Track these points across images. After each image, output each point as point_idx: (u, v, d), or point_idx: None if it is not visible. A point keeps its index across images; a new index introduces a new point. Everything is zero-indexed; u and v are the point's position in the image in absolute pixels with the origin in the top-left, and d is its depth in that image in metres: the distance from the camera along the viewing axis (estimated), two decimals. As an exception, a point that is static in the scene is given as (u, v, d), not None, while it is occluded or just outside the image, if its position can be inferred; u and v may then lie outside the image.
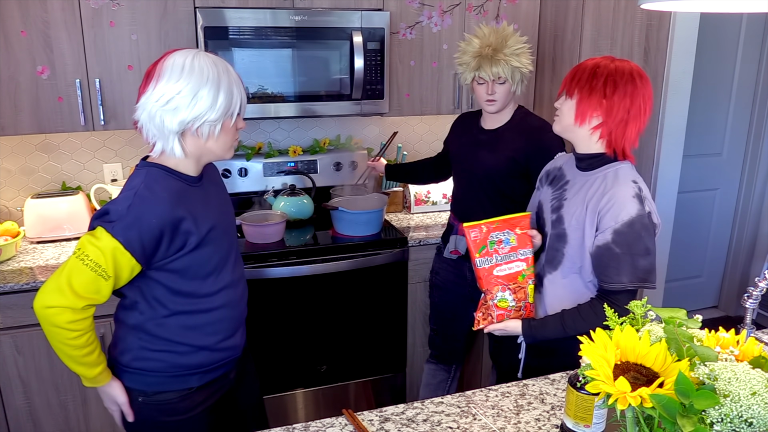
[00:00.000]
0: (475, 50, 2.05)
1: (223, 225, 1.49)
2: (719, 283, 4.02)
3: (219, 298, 1.48)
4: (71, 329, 1.32)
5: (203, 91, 1.33)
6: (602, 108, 1.52)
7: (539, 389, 1.46)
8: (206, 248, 1.41)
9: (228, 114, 1.37)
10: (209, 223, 1.42)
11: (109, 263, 1.30)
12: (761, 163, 3.68)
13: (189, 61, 1.34)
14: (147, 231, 1.31)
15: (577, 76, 1.56)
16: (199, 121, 1.35)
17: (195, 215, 1.38)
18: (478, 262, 1.64)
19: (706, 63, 3.40)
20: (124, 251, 1.30)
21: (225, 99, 1.35)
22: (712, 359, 0.84)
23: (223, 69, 1.36)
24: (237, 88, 1.38)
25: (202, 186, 1.47)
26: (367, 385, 2.71)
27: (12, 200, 2.61)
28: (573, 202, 1.61)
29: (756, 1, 1.09)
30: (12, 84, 2.20)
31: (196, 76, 1.32)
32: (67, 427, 2.28)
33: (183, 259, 1.39)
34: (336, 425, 1.32)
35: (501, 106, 2.10)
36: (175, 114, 1.33)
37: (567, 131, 1.61)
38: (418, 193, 2.95)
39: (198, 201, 1.42)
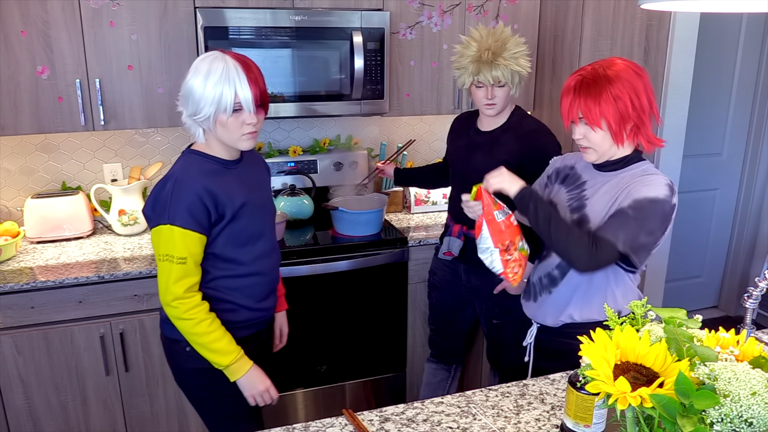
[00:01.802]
0: (474, 54, 2.01)
1: (257, 202, 1.67)
2: (719, 283, 4.02)
3: (254, 265, 1.68)
4: (188, 318, 1.55)
5: (194, 88, 1.51)
6: (633, 118, 1.52)
7: (539, 389, 1.46)
8: (240, 221, 1.60)
9: (220, 110, 1.50)
10: (242, 198, 1.60)
11: (180, 248, 1.52)
12: (761, 163, 3.68)
13: (200, 60, 1.53)
14: (193, 205, 1.51)
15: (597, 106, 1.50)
16: (197, 114, 1.52)
17: (229, 191, 1.57)
18: (498, 216, 1.62)
19: (706, 63, 3.40)
20: (186, 231, 1.51)
21: (211, 96, 1.48)
22: (712, 359, 0.84)
23: (220, 68, 1.48)
24: (229, 85, 1.48)
25: (238, 168, 1.65)
26: (367, 385, 2.71)
27: (12, 200, 2.61)
28: (600, 200, 1.59)
29: (756, 1, 1.09)
30: (12, 84, 2.20)
31: (192, 74, 1.52)
32: (67, 427, 2.28)
33: (222, 230, 1.59)
34: (336, 425, 1.32)
35: (500, 109, 2.09)
36: (184, 106, 1.56)
37: (605, 156, 1.59)
38: (418, 193, 2.95)
39: (233, 180, 1.61)
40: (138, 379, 2.32)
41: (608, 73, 1.51)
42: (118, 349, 2.26)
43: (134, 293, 2.23)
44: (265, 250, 1.72)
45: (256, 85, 1.53)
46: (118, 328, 2.24)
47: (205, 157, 1.61)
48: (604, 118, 1.50)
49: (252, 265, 1.68)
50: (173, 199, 1.52)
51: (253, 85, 1.52)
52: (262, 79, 1.57)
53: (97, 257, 2.35)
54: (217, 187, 1.56)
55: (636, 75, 1.52)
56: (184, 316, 1.55)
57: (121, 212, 2.55)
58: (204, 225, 1.55)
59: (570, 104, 1.54)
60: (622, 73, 1.50)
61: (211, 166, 1.60)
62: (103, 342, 2.23)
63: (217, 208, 1.56)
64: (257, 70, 1.57)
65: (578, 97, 1.52)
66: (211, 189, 1.54)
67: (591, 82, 1.51)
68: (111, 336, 2.24)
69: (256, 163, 1.78)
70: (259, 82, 1.55)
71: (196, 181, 1.54)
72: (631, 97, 1.49)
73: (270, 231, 1.76)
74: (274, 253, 1.77)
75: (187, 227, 1.52)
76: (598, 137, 1.54)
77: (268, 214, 1.75)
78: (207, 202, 1.54)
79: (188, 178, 1.54)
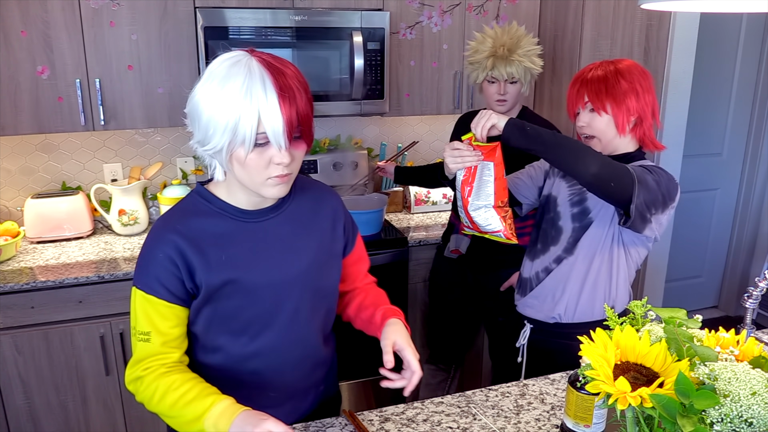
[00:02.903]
0: (489, 49, 2.04)
1: (275, 277, 1.20)
2: (719, 283, 4.02)
3: (252, 362, 1.23)
4: (146, 393, 1.14)
5: (200, 107, 1.07)
6: (637, 110, 1.57)
7: (539, 389, 1.46)
8: (226, 302, 1.18)
9: (236, 142, 1.05)
10: (234, 273, 1.16)
11: (141, 320, 1.14)
12: (761, 163, 3.68)
13: (217, 63, 1.07)
14: (160, 266, 1.13)
15: (604, 89, 1.56)
16: (206, 144, 1.08)
17: (211, 259, 1.15)
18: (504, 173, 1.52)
19: (706, 63, 3.40)
20: (152, 299, 1.13)
21: (224, 122, 1.04)
22: (712, 359, 0.84)
23: (239, 79, 1.03)
24: (250, 107, 1.02)
25: (265, 223, 1.20)
26: (367, 385, 2.71)
27: (12, 200, 2.61)
28: None
29: (756, 1, 1.09)
30: (12, 84, 2.20)
31: (203, 83, 1.07)
32: (67, 427, 2.28)
33: (201, 309, 1.18)
34: (336, 425, 1.32)
35: (511, 106, 2.11)
36: (192, 126, 1.11)
37: (609, 146, 1.62)
38: (418, 193, 2.95)
39: (242, 241, 1.17)
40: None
41: (618, 66, 1.58)
42: (118, 349, 2.26)
43: (134, 293, 2.23)
44: (273, 345, 1.24)
45: (293, 105, 1.05)
46: (118, 328, 2.24)
47: (212, 201, 1.18)
48: (609, 102, 1.55)
49: (248, 362, 1.23)
50: (142, 253, 1.16)
51: (288, 106, 1.04)
52: (304, 94, 1.08)
53: (97, 257, 2.35)
54: (195, 248, 1.13)
55: (643, 74, 1.59)
56: (142, 396, 1.15)
57: (121, 212, 2.55)
58: (177, 293, 1.14)
59: (578, 91, 1.60)
60: (631, 68, 1.58)
61: (215, 216, 1.17)
62: (103, 342, 2.23)
63: (192, 277, 1.15)
64: (297, 78, 1.08)
65: (586, 84, 1.58)
66: (184, 250, 1.13)
67: (600, 73, 1.58)
68: (111, 336, 2.24)
69: (312, 211, 1.26)
70: (298, 99, 1.06)
71: (170, 233, 1.14)
72: (637, 90, 1.56)
73: (293, 315, 1.24)
74: (294, 348, 1.26)
75: (151, 293, 1.13)
76: (603, 123, 1.58)
77: (298, 292, 1.23)
78: (179, 265, 1.13)
79: (165, 227, 1.15)
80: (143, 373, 1.15)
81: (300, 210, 1.25)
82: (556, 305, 1.70)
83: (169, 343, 1.16)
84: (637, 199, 1.44)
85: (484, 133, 1.47)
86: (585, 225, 1.64)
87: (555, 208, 1.71)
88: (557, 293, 1.69)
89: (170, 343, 1.16)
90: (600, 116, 1.58)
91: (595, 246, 1.63)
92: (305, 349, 1.29)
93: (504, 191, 1.52)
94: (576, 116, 1.65)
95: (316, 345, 1.32)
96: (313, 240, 1.26)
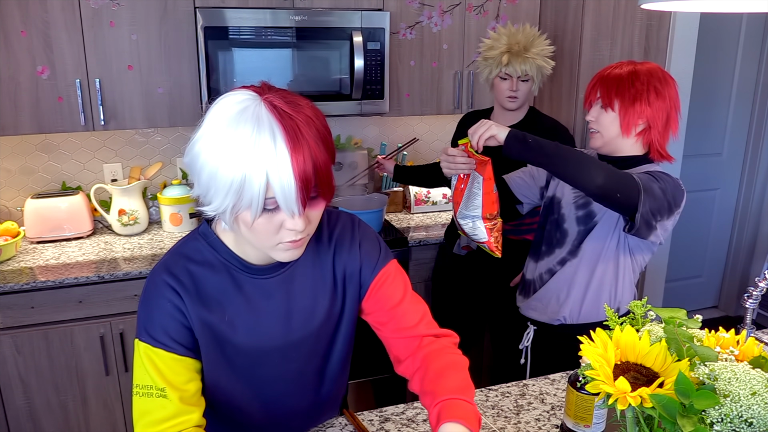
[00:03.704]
0: (504, 46, 2.07)
1: (279, 342, 1.10)
2: (719, 283, 4.02)
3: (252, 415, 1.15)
4: None
5: (199, 160, 0.90)
6: (646, 115, 1.55)
7: (539, 389, 1.46)
8: (230, 360, 1.09)
9: (242, 206, 0.89)
10: (249, 335, 1.07)
11: (152, 375, 1.01)
12: (761, 163, 3.68)
13: (223, 107, 0.90)
14: (165, 314, 1.02)
15: (615, 87, 1.55)
16: (206, 203, 0.93)
17: (207, 319, 1.04)
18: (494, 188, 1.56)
19: (706, 63, 3.40)
20: (160, 352, 1.01)
21: (227, 183, 0.87)
22: (712, 359, 0.84)
23: (247, 132, 0.86)
24: (258, 167, 0.85)
25: (276, 279, 1.07)
26: (367, 385, 2.71)
27: (12, 200, 2.60)
28: None
29: (756, 1, 1.09)
30: (12, 84, 2.20)
31: (205, 130, 0.90)
32: (67, 427, 2.28)
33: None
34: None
35: (521, 104, 2.13)
36: (192, 178, 0.95)
37: (610, 144, 1.60)
38: (418, 193, 2.95)
39: (247, 299, 1.06)
40: (138, 379, 2.32)
41: (638, 67, 1.56)
42: (118, 349, 2.26)
43: (134, 293, 2.23)
44: (275, 401, 1.15)
45: (309, 161, 0.87)
46: (118, 328, 2.24)
47: (218, 249, 1.05)
48: (618, 101, 1.54)
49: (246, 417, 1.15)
50: (144, 301, 1.05)
51: (303, 162, 0.87)
52: (320, 144, 0.89)
53: (97, 257, 2.35)
54: (197, 303, 1.03)
55: (663, 80, 1.55)
56: None
57: (121, 212, 2.55)
58: (186, 345, 1.03)
59: (593, 85, 1.60)
60: (651, 72, 1.55)
61: (220, 269, 1.05)
62: (103, 342, 2.23)
63: (193, 324, 1.04)
64: (311, 124, 0.89)
65: (602, 80, 1.58)
66: (185, 301, 1.02)
67: (618, 71, 1.56)
68: (111, 336, 2.24)
69: (325, 260, 1.11)
70: (315, 152, 0.88)
71: (172, 281, 1.03)
72: (650, 95, 1.53)
73: (289, 380, 1.15)
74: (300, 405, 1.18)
75: (158, 346, 1.01)
76: (608, 120, 1.57)
77: (291, 357, 1.12)
78: (182, 311, 1.03)
79: (167, 273, 1.03)
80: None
81: (314, 260, 1.11)
82: (560, 308, 1.69)
83: (187, 400, 1.02)
84: (642, 208, 1.44)
85: (481, 143, 1.46)
86: (589, 228, 1.63)
87: (559, 210, 1.71)
88: (561, 296, 1.69)
89: (188, 400, 1.03)
90: (606, 113, 1.57)
91: (600, 249, 1.62)
92: (313, 408, 1.21)
93: (493, 205, 1.53)
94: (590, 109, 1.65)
95: (326, 405, 1.22)
96: (326, 291, 1.12)
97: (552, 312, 1.71)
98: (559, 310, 1.69)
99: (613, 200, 1.43)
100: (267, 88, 0.92)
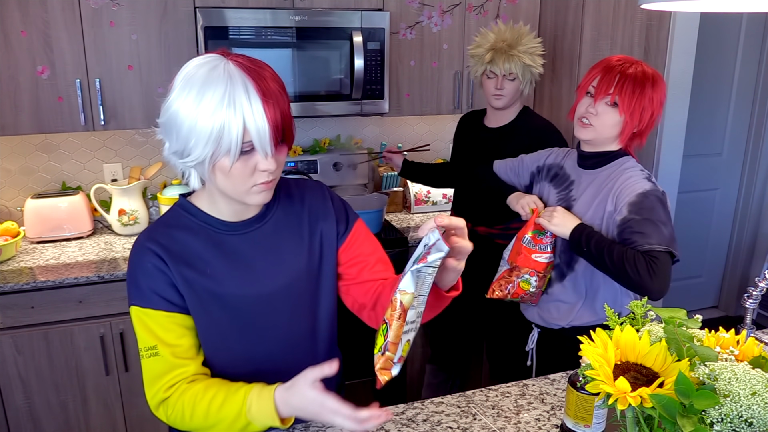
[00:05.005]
0: (490, 44, 2.06)
1: (261, 290, 1.15)
2: (719, 283, 4.02)
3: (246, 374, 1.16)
4: (179, 413, 1.10)
5: (179, 115, 1.00)
6: (640, 125, 1.54)
7: (539, 389, 1.46)
8: (215, 316, 1.14)
9: (221, 152, 1.00)
10: (231, 286, 1.13)
11: (144, 335, 1.10)
12: (761, 163, 3.68)
13: (193, 68, 1.02)
14: (149, 275, 1.10)
15: (636, 93, 1.50)
16: (185, 155, 1.03)
17: (190, 275, 1.11)
18: (525, 240, 1.67)
19: (706, 63, 3.40)
20: (149, 312, 1.10)
21: (207, 131, 0.98)
22: (712, 359, 0.84)
23: (221, 85, 0.98)
24: (235, 114, 0.98)
25: (252, 233, 1.15)
26: (367, 385, 2.71)
27: (12, 200, 2.60)
28: (584, 200, 1.61)
29: (756, 1, 1.09)
30: (12, 84, 2.20)
31: (180, 90, 1.01)
32: (67, 427, 2.28)
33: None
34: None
35: (508, 103, 2.11)
36: (167, 137, 1.05)
37: (599, 141, 1.59)
38: (418, 193, 2.95)
39: (225, 254, 1.13)
40: (138, 379, 2.32)
41: (655, 75, 1.52)
42: (118, 349, 2.26)
43: (134, 293, 2.23)
44: (255, 356, 1.18)
45: (277, 109, 1.01)
46: (118, 328, 2.24)
47: (195, 214, 1.14)
48: (636, 107, 1.50)
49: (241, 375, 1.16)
50: (130, 269, 1.13)
51: (272, 110, 1.00)
52: (283, 95, 1.04)
53: (97, 257, 2.35)
54: (178, 263, 1.10)
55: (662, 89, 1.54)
56: (173, 417, 1.11)
57: (121, 212, 2.55)
58: (173, 301, 1.10)
59: (610, 80, 1.51)
60: (659, 81, 1.53)
61: (198, 230, 1.13)
62: (103, 342, 2.23)
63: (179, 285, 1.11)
64: (276, 80, 1.04)
65: (623, 79, 1.50)
66: (168, 263, 1.10)
67: (634, 72, 1.50)
68: (111, 336, 2.24)
69: (299, 215, 1.20)
70: (280, 101, 1.02)
71: (153, 245, 1.10)
72: (654, 106, 1.53)
73: (279, 330, 1.19)
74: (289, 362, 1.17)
75: (147, 305, 1.10)
76: (612, 120, 1.53)
77: (281, 308, 1.18)
78: (167, 272, 1.10)
79: (147, 240, 1.12)
80: (166, 394, 1.10)
81: (287, 218, 1.20)
82: (566, 312, 1.69)
83: (180, 354, 1.10)
84: (677, 253, 1.51)
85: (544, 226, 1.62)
86: None
87: None
88: (567, 300, 1.69)
89: (181, 354, 1.11)
90: (614, 114, 1.53)
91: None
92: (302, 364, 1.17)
93: (515, 255, 1.71)
94: (586, 95, 1.58)
95: (314, 360, 1.19)
96: (302, 247, 1.19)
97: (554, 318, 1.72)
98: (562, 316, 1.70)
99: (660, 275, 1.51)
100: (227, 53, 1.04)
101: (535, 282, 1.68)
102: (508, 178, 1.86)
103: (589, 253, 1.52)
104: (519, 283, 1.69)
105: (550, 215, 1.59)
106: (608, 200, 1.55)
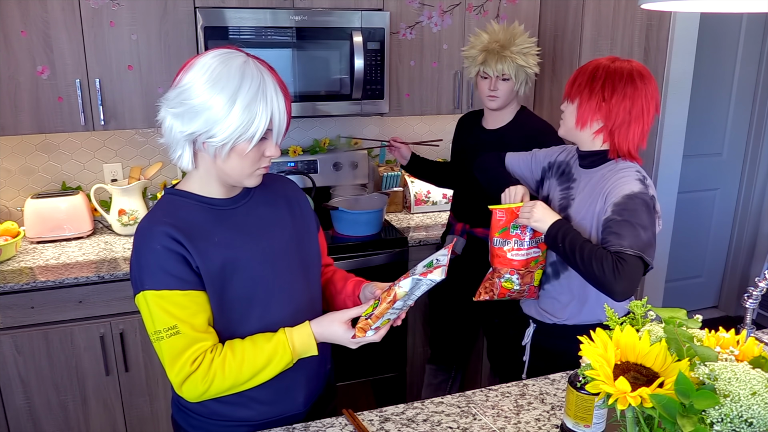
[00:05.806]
0: (483, 45, 2.05)
1: (267, 248, 1.26)
2: (719, 283, 4.02)
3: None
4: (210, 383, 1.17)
5: (212, 107, 1.11)
6: (602, 112, 1.54)
7: (539, 389, 1.46)
8: (232, 281, 1.21)
9: (245, 138, 1.13)
10: (227, 254, 1.20)
11: (161, 317, 1.14)
12: (761, 163, 3.68)
13: (221, 64, 1.12)
14: (161, 257, 1.14)
15: (577, 81, 1.57)
16: (208, 137, 1.13)
17: (203, 246, 1.18)
18: (495, 242, 1.68)
19: (706, 63, 3.40)
20: (164, 293, 1.14)
21: (241, 121, 1.11)
22: (712, 359, 0.84)
23: (255, 83, 1.12)
24: (266, 107, 1.13)
25: (240, 208, 1.26)
26: (367, 385, 2.71)
27: (12, 200, 2.61)
28: (580, 199, 1.62)
29: (756, 1, 1.09)
30: (12, 84, 2.20)
31: (211, 85, 1.11)
32: (67, 427, 2.28)
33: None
34: (336, 425, 1.32)
35: (502, 104, 2.10)
36: (183, 121, 1.13)
37: (570, 134, 1.64)
38: (418, 193, 2.95)
39: (222, 227, 1.22)
40: (138, 379, 2.32)
41: (609, 66, 1.55)
42: (118, 349, 2.26)
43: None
44: (278, 320, 1.27)
45: (289, 104, 1.19)
46: (118, 328, 2.24)
47: (187, 196, 1.23)
48: (578, 95, 1.56)
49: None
50: (137, 255, 1.17)
51: (288, 106, 1.18)
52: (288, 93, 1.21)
53: (97, 257, 2.35)
54: (187, 237, 1.16)
55: (633, 82, 1.52)
56: (202, 387, 1.17)
57: (121, 212, 2.55)
58: (188, 278, 1.16)
59: (571, 81, 1.62)
60: (621, 70, 1.53)
61: (195, 207, 1.22)
62: (103, 342, 2.23)
63: (193, 259, 1.17)
64: (281, 79, 1.21)
65: (577, 72, 1.60)
66: (178, 239, 1.15)
67: (588, 66, 1.58)
68: (111, 336, 2.24)
69: (274, 195, 1.35)
70: (290, 100, 1.20)
71: (160, 226, 1.16)
72: (611, 96, 1.52)
73: (285, 292, 1.29)
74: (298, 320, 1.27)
75: (162, 288, 1.14)
76: (568, 111, 1.61)
77: (286, 264, 1.29)
78: (179, 250, 1.15)
79: (152, 223, 1.17)
80: (192, 367, 1.15)
81: (264, 197, 1.32)
82: (561, 309, 1.69)
83: (199, 328, 1.16)
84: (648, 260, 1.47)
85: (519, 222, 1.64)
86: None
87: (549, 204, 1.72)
88: (562, 298, 1.69)
89: (200, 328, 1.16)
90: (569, 104, 1.60)
91: None
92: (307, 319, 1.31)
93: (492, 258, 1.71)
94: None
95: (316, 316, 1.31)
96: (286, 217, 1.33)
97: (550, 314, 1.72)
98: (559, 311, 1.70)
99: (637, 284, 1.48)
100: (240, 50, 1.18)
101: (518, 280, 1.67)
102: (521, 172, 1.85)
103: (563, 249, 1.53)
104: (501, 283, 1.68)
105: (530, 210, 1.60)
106: (599, 200, 1.55)
